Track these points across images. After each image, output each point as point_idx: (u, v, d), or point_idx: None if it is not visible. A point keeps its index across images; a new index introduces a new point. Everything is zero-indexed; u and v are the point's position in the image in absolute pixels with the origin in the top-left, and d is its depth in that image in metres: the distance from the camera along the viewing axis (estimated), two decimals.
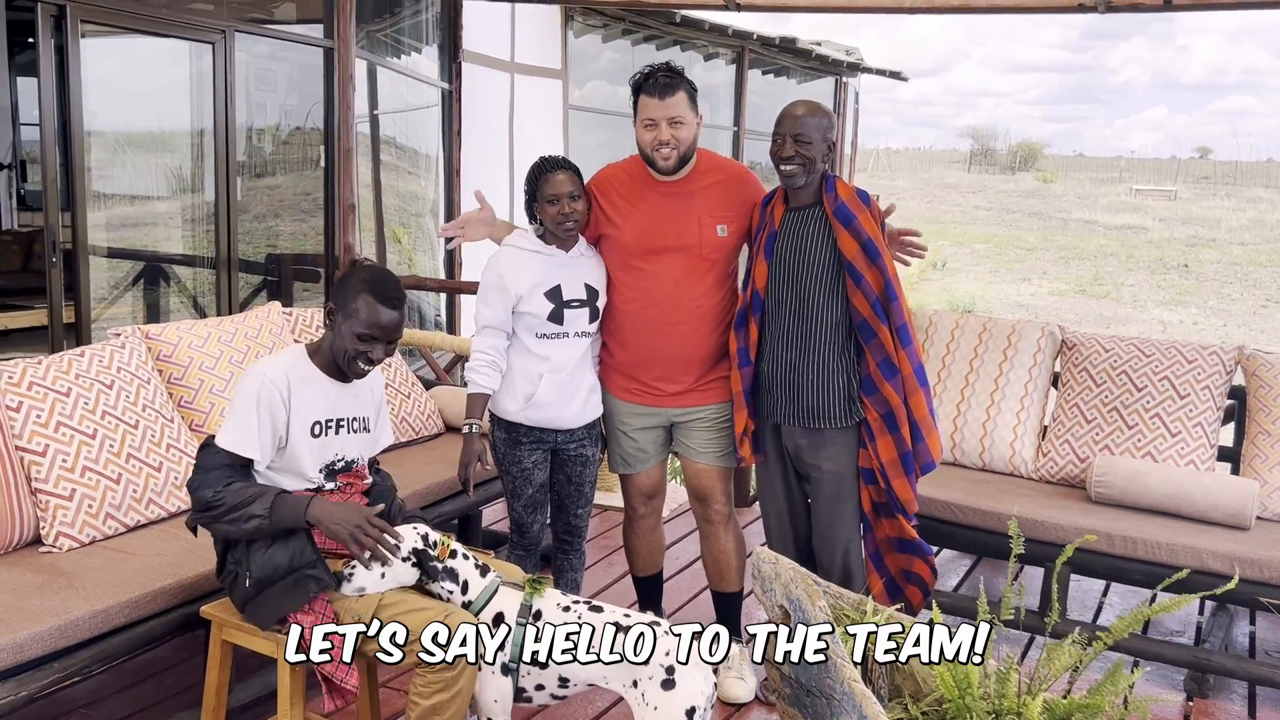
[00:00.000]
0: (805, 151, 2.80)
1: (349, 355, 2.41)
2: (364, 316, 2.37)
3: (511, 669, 2.30)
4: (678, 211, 2.95)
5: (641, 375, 3.04)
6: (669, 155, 2.89)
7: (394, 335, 2.43)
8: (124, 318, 5.24)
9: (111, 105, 4.93)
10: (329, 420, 2.46)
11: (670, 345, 2.98)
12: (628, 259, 2.98)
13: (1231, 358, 3.63)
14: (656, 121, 2.87)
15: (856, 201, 2.84)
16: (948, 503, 3.48)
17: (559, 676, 2.31)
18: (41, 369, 2.85)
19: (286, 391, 2.37)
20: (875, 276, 2.80)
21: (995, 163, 42.20)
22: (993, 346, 3.90)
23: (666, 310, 2.95)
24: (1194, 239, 23.97)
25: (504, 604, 2.34)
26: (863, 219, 2.81)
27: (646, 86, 2.88)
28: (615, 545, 4.36)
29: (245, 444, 2.32)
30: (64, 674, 2.35)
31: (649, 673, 2.21)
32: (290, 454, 2.40)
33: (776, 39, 11.22)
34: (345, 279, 2.45)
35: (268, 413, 2.34)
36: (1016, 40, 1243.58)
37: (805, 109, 2.84)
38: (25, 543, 2.72)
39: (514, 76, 7.84)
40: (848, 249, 2.80)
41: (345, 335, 2.40)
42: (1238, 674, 3.21)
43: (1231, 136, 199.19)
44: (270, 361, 2.44)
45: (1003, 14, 4.86)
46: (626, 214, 2.98)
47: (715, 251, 2.96)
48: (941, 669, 2.24)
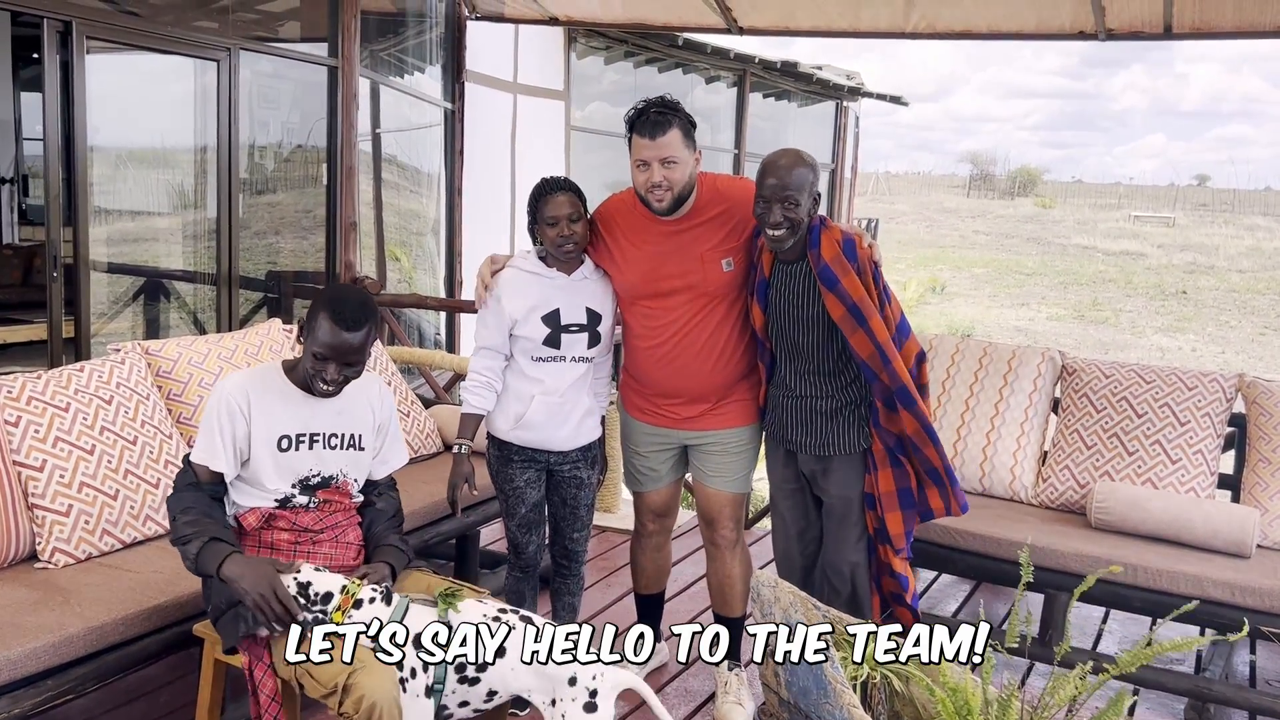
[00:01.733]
0: (793, 214, 2.65)
1: (309, 373, 2.40)
2: (319, 336, 2.35)
3: (437, 690, 2.22)
4: (681, 251, 2.87)
5: (659, 402, 3.03)
6: (662, 198, 2.77)
7: (349, 358, 2.37)
8: (124, 333, 5.23)
9: (115, 121, 4.94)
10: (300, 435, 2.44)
11: (682, 379, 2.95)
12: (634, 300, 2.94)
13: (1232, 385, 3.62)
14: (649, 162, 2.74)
15: (841, 262, 2.69)
16: (947, 527, 3.47)
17: (487, 690, 2.25)
18: (41, 384, 2.84)
19: (246, 404, 2.38)
20: (861, 341, 2.70)
21: (994, 188, 42.40)
22: (993, 371, 3.90)
23: (676, 348, 2.92)
24: (1192, 266, 24.05)
25: (417, 623, 2.26)
26: (847, 282, 2.68)
27: (638, 125, 2.75)
28: (614, 566, 4.34)
29: (213, 458, 2.36)
30: (58, 691, 2.33)
31: (573, 694, 2.17)
32: (252, 467, 2.41)
33: (778, 63, 11.29)
34: (316, 296, 2.44)
35: (229, 424, 2.36)
36: (1016, 66, 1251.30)
37: (787, 165, 2.66)
38: (21, 558, 2.70)
39: (516, 97, 7.88)
40: (834, 311, 2.71)
41: (306, 353, 2.40)
42: (1238, 703, 3.19)
43: (1230, 164, 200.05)
44: (235, 375, 2.44)
45: (1003, 40, 4.89)
46: (630, 256, 2.91)
47: (722, 288, 2.89)
48: (942, 695, 2.23)
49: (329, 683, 2.17)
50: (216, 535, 2.30)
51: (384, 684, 2.15)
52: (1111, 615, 4.08)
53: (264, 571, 2.23)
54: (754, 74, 11.24)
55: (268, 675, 2.32)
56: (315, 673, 2.20)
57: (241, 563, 2.25)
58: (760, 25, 5.37)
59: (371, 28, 6.31)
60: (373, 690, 2.12)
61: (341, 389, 2.44)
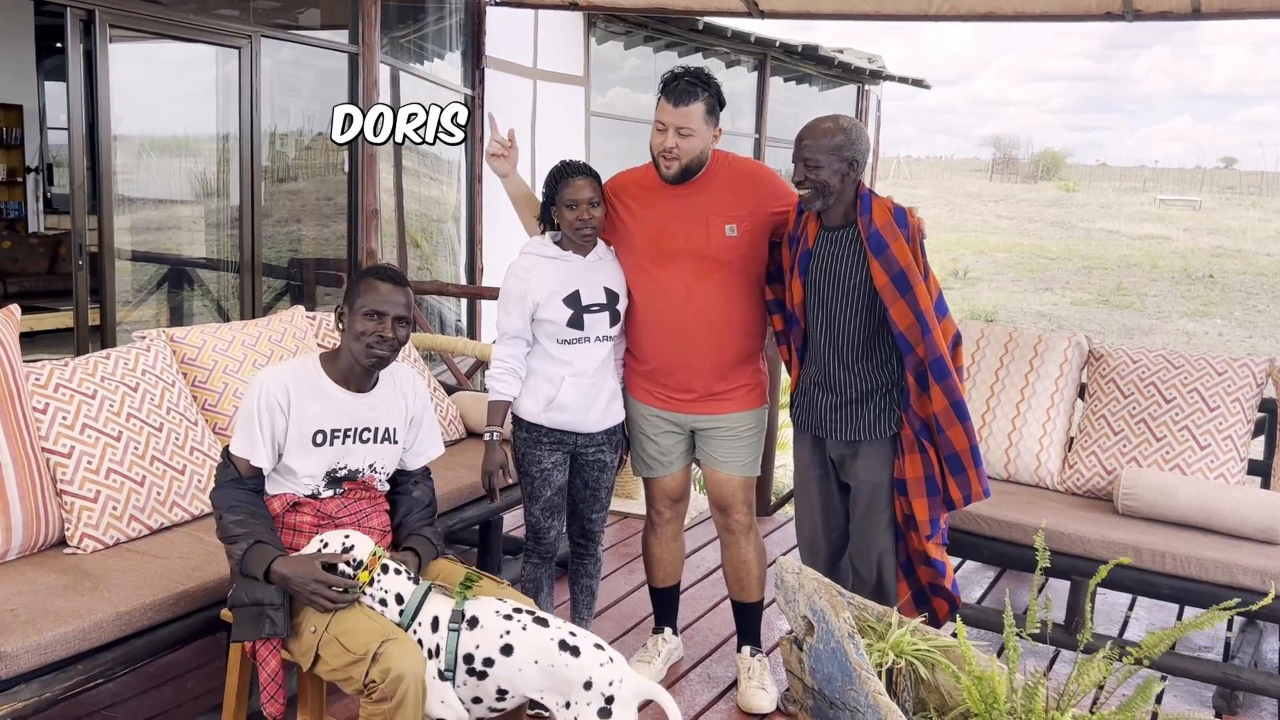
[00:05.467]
0: (814, 175, 2.71)
1: (364, 342, 2.41)
2: (368, 298, 2.42)
3: (448, 676, 2.25)
4: (687, 214, 2.92)
5: (662, 380, 3.03)
6: (670, 164, 2.85)
7: (400, 311, 2.44)
8: (149, 321, 5.27)
9: (138, 110, 4.97)
10: (335, 430, 2.46)
11: (685, 351, 2.96)
12: (640, 263, 2.97)
13: (1263, 370, 3.58)
14: (666, 127, 2.83)
15: (892, 227, 2.71)
16: (972, 514, 3.45)
17: (497, 688, 2.26)
18: (67, 371, 2.87)
19: (286, 401, 2.40)
20: (902, 311, 2.70)
21: (1017, 171, 42.02)
22: (1019, 357, 3.86)
23: (679, 315, 2.93)
24: (1219, 249, 23.76)
25: (438, 608, 2.30)
26: (896, 247, 2.69)
27: (667, 90, 2.83)
28: (635, 553, 4.34)
29: (254, 453, 2.39)
30: (87, 676, 2.35)
31: (588, 698, 2.15)
32: (286, 461, 2.43)
33: (799, 46, 11.20)
34: (351, 279, 2.48)
35: (268, 420, 2.38)
36: (1039, 49, 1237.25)
37: (817, 129, 2.73)
38: (50, 544, 2.73)
39: (536, 83, 7.85)
40: (878, 279, 2.71)
41: (355, 322, 2.42)
42: (1268, 691, 3.16)
43: (1257, 147, 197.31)
44: (274, 369, 2.46)
45: (1029, 21, 4.82)
46: (639, 218, 2.97)
47: (725, 253, 2.92)
48: (968, 683, 2.22)
49: (359, 649, 2.18)
50: (263, 538, 2.33)
51: (413, 659, 2.18)
52: (1139, 603, 4.04)
53: (308, 567, 2.27)
54: (774, 58, 11.16)
55: (272, 654, 2.35)
56: (346, 640, 2.21)
57: (288, 564, 2.28)
58: (781, 8, 5.31)
59: (392, 14, 6.30)
60: (401, 663, 2.15)
61: (395, 353, 2.47)
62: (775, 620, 3.70)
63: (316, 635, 2.27)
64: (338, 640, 2.23)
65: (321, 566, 2.27)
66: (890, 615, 2.58)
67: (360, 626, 2.23)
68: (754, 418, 3.07)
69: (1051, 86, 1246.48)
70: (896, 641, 2.40)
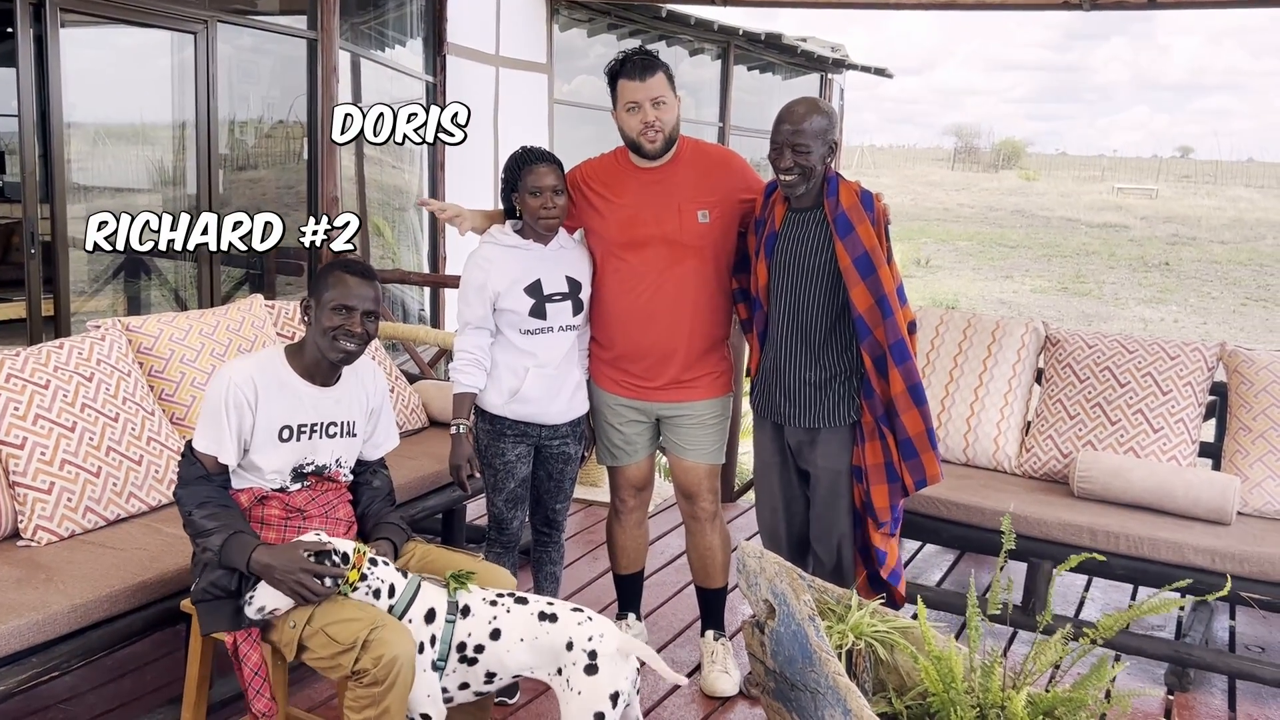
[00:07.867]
0: (804, 161, 2.71)
1: (330, 335, 2.39)
2: (337, 292, 2.39)
3: (440, 667, 2.27)
4: (659, 199, 2.92)
5: (628, 368, 3.03)
6: (655, 138, 2.86)
7: (369, 306, 2.42)
8: (104, 311, 5.18)
9: (92, 96, 4.88)
10: (301, 425, 2.44)
11: (654, 337, 2.96)
12: (611, 249, 2.96)
13: (1214, 354, 3.65)
14: (639, 104, 2.83)
15: (858, 209, 2.73)
16: (932, 498, 3.49)
17: (485, 672, 2.28)
18: (19, 361, 2.82)
19: (253, 396, 2.37)
20: (862, 295, 2.72)
21: (979, 161, 42.37)
22: (977, 343, 3.91)
23: (649, 301, 2.93)
24: (1175, 237, 24.14)
25: (431, 600, 2.31)
26: (862, 230, 2.71)
27: (625, 70, 2.84)
28: (598, 541, 4.35)
29: (221, 450, 2.36)
30: (42, 669, 2.32)
31: (572, 658, 2.20)
32: (251, 457, 2.40)
33: (762, 35, 11.21)
34: (318, 272, 2.46)
35: (235, 416, 2.35)
36: (1000, 39, 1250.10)
37: (802, 113, 2.72)
38: (3, 537, 2.69)
39: (499, 70, 7.80)
40: (842, 260, 2.73)
41: (323, 316, 2.39)
42: (1218, 668, 3.23)
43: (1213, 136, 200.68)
44: (240, 363, 2.42)
45: (989, 10, 4.87)
46: (610, 204, 2.96)
47: (697, 239, 2.93)
48: (926, 663, 2.25)
49: (349, 639, 2.16)
50: (238, 529, 2.30)
51: (404, 642, 2.18)
52: (1094, 583, 4.12)
53: (292, 556, 2.23)
54: (738, 47, 11.17)
55: (253, 648, 2.32)
56: (334, 631, 2.19)
57: (272, 553, 2.25)
58: None
59: (351, 0, 6.23)
60: (393, 646, 2.14)
61: (364, 347, 2.45)
62: (738, 604, 3.72)
63: (296, 630, 2.25)
64: (324, 632, 2.21)
65: (308, 556, 2.24)
66: (850, 597, 2.60)
67: (347, 617, 2.22)
68: (720, 405, 3.09)
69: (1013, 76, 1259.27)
70: (856, 624, 2.43)
